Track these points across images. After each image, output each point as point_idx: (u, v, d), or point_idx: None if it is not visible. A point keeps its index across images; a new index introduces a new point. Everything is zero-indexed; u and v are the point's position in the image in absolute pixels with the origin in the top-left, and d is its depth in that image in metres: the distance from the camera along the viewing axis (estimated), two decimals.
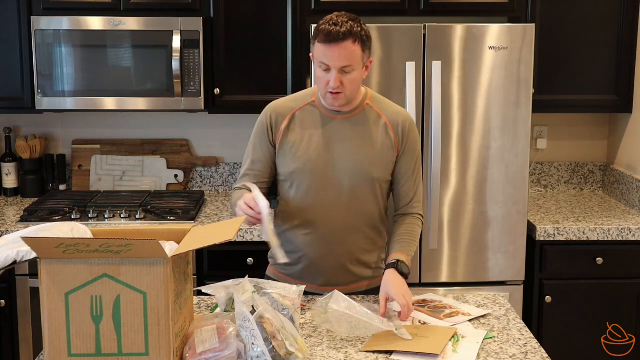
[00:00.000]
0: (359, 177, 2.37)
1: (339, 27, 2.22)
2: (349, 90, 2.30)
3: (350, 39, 2.23)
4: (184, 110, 3.46)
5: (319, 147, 2.37)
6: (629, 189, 3.59)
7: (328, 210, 2.38)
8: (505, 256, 3.23)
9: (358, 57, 2.26)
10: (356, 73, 2.28)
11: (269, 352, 1.79)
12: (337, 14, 2.30)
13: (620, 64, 3.50)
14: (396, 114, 2.42)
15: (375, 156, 2.38)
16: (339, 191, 2.38)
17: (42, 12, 3.37)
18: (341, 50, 2.23)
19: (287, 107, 2.43)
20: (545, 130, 3.85)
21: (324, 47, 2.24)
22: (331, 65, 2.25)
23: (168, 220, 3.28)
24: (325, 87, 2.29)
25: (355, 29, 2.24)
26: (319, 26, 2.28)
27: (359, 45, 2.25)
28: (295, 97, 2.48)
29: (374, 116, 2.40)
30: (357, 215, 2.41)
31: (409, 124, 2.42)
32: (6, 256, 1.82)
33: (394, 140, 2.39)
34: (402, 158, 2.41)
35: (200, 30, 3.34)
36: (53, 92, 3.39)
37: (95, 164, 3.80)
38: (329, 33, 2.23)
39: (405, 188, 2.44)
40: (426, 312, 2.28)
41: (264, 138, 2.42)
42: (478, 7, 3.39)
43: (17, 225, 3.22)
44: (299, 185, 2.40)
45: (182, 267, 1.89)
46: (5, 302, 3.20)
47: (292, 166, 2.39)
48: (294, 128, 2.39)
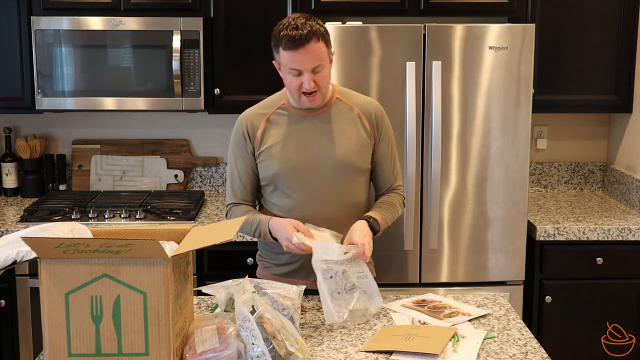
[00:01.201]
0: (342, 169, 2.41)
1: (301, 30, 2.25)
2: (323, 87, 2.35)
3: (314, 38, 2.27)
4: (184, 110, 3.46)
5: (297, 147, 2.40)
6: (629, 189, 3.59)
7: (316, 207, 2.41)
8: (505, 256, 3.23)
9: (324, 54, 2.31)
10: (326, 70, 2.33)
11: (269, 352, 1.79)
12: (292, 16, 2.33)
13: (620, 64, 3.50)
14: (367, 103, 2.49)
15: (354, 146, 2.42)
16: (324, 187, 2.41)
17: (42, 12, 3.37)
18: (309, 53, 2.26)
19: (259, 114, 2.46)
20: (545, 130, 3.85)
21: (290, 53, 2.27)
22: (302, 69, 2.28)
23: (168, 220, 3.29)
24: (298, 90, 2.33)
25: (314, 27, 2.28)
26: (279, 33, 2.29)
27: (322, 42, 2.30)
28: (265, 103, 2.51)
29: (346, 109, 2.45)
30: (345, 207, 2.43)
31: (380, 112, 2.49)
32: (6, 256, 1.82)
33: (369, 129, 2.45)
34: (379, 145, 2.48)
35: (200, 30, 3.35)
36: (53, 92, 3.39)
37: (95, 164, 3.80)
38: (292, 39, 2.25)
39: (386, 173, 2.52)
40: (426, 312, 2.27)
41: (243, 148, 2.46)
42: (478, 7, 3.39)
43: (17, 225, 3.22)
44: (283, 187, 2.42)
45: (182, 267, 1.89)
46: (5, 302, 3.20)
47: (273, 169, 2.41)
48: (270, 133, 2.43)
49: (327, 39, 2.33)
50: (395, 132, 3.09)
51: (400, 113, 3.11)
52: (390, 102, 3.11)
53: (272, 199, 2.46)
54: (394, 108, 3.10)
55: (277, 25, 2.33)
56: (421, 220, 3.18)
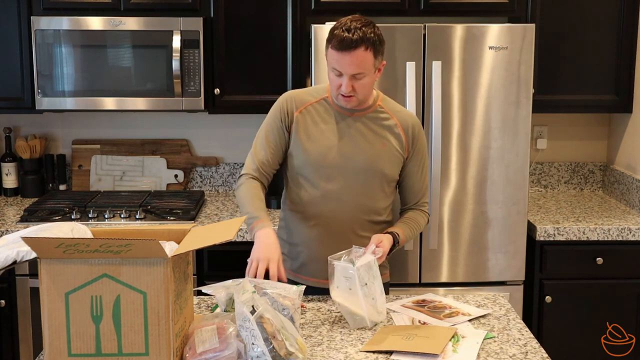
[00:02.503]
0: (370, 172, 2.43)
1: (352, 35, 2.25)
2: (361, 94, 2.35)
3: (362, 46, 2.26)
4: (184, 110, 3.46)
5: (330, 142, 2.42)
6: (629, 189, 3.59)
7: (335, 204, 2.43)
8: (505, 256, 3.23)
9: (369, 63, 2.30)
10: (367, 78, 2.33)
11: (269, 352, 1.79)
12: (351, 18, 2.32)
13: (620, 64, 3.50)
14: (407, 116, 2.50)
15: (386, 153, 2.44)
16: (348, 186, 2.42)
17: (42, 12, 3.37)
18: (353, 59, 2.26)
19: (303, 98, 2.48)
20: (545, 130, 3.85)
21: (336, 53, 2.28)
22: (343, 72, 2.30)
23: (168, 220, 3.28)
24: (337, 89, 2.35)
25: (367, 35, 2.27)
26: (333, 30, 2.30)
27: (371, 52, 2.28)
28: (310, 90, 2.53)
29: (385, 116, 2.46)
30: (364, 211, 2.45)
31: (418, 128, 2.49)
32: (6, 256, 1.82)
33: (404, 141, 2.45)
34: (411, 160, 2.48)
35: (200, 30, 3.35)
36: (53, 92, 3.39)
37: (95, 164, 3.80)
38: (341, 40, 2.26)
39: (415, 188, 2.53)
40: (426, 312, 2.27)
41: (279, 121, 2.46)
42: (478, 7, 3.39)
43: (17, 225, 3.22)
44: (308, 178, 2.44)
45: (182, 267, 1.89)
46: (5, 302, 3.20)
47: (302, 158, 2.43)
48: (307, 120, 2.44)
49: (378, 49, 2.31)
50: None
51: None
52: None
53: (297, 189, 2.47)
54: None
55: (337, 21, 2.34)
56: None
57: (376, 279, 2.18)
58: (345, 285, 2.15)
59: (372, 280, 2.17)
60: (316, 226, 2.45)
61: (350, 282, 2.14)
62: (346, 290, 2.15)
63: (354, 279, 2.13)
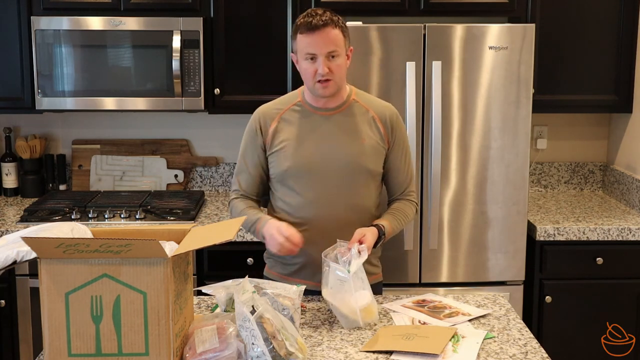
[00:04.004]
0: (354, 170, 2.41)
1: (319, 17, 2.31)
2: (337, 75, 2.36)
3: (331, 25, 2.31)
4: (184, 110, 3.46)
5: (310, 145, 2.41)
6: (629, 189, 3.59)
7: (323, 206, 2.41)
8: (505, 256, 3.23)
9: (341, 41, 2.34)
10: (341, 59, 2.35)
11: (269, 352, 1.79)
12: (311, 8, 2.39)
13: (620, 64, 3.50)
14: (383, 107, 2.51)
15: (367, 148, 2.43)
16: (334, 186, 2.41)
17: (42, 12, 3.37)
18: (324, 36, 2.30)
19: (275, 109, 2.48)
20: (545, 130, 3.85)
21: (307, 36, 2.31)
22: (317, 53, 2.31)
23: (168, 220, 3.28)
24: (313, 77, 2.35)
25: (333, 17, 2.34)
26: (298, 21, 2.35)
27: (340, 31, 2.34)
28: (281, 100, 2.53)
29: (362, 110, 2.46)
30: (354, 209, 2.44)
31: (395, 117, 2.50)
32: (6, 256, 1.82)
33: (383, 132, 2.46)
34: (392, 151, 2.49)
35: (200, 30, 3.35)
36: (53, 92, 3.39)
37: (95, 164, 3.80)
38: (309, 23, 2.30)
39: (399, 179, 2.53)
40: (426, 312, 2.27)
41: (254, 143, 2.48)
42: (478, 7, 3.39)
43: (17, 225, 3.22)
44: (293, 184, 2.43)
45: (182, 267, 1.89)
46: (5, 302, 3.20)
47: (284, 165, 2.42)
48: (283, 129, 2.44)
49: (345, 30, 2.37)
50: None
51: (400, 113, 3.09)
52: (390, 102, 3.10)
53: (281, 196, 2.46)
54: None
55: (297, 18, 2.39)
56: (421, 220, 3.18)
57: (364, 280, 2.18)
58: (338, 286, 2.15)
59: (363, 282, 2.17)
60: (306, 231, 2.40)
61: (343, 285, 2.14)
62: (339, 292, 2.15)
63: (349, 283, 2.13)
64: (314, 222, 2.41)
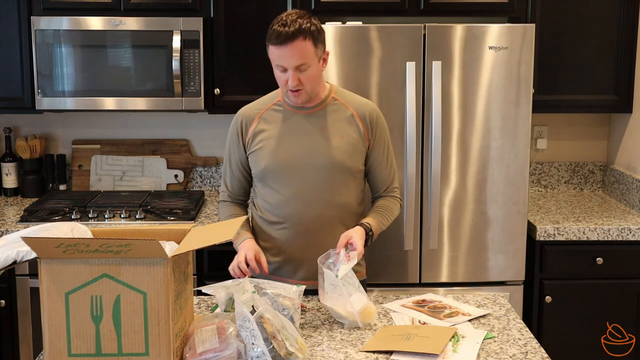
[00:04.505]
0: (332, 168, 2.41)
1: (288, 28, 2.26)
2: (309, 86, 2.35)
3: (300, 37, 2.27)
4: (184, 110, 3.46)
5: (288, 143, 2.42)
6: (629, 189, 3.59)
7: (302, 204, 2.42)
8: (505, 256, 3.23)
9: (311, 53, 2.30)
10: (312, 69, 2.33)
11: (269, 352, 1.79)
12: (287, 12, 2.34)
13: (620, 64, 3.50)
14: (363, 104, 2.49)
15: (346, 146, 2.42)
16: (312, 184, 2.42)
17: (42, 12, 3.37)
18: (292, 50, 2.27)
19: (255, 109, 2.50)
20: (545, 130, 3.85)
21: (276, 49, 2.29)
22: (286, 66, 2.30)
23: (168, 220, 3.28)
24: (285, 86, 2.36)
25: (304, 25, 2.28)
26: (270, 28, 2.32)
27: (310, 41, 2.29)
28: (262, 100, 2.54)
29: (341, 109, 2.46)
30: (333, 207, 2.44)
31: (376, 115, 2.49)
32: (6, 256, 1.82)
33: (363, 130, 2.45)
34: (373, 149, 2.48)
35: (200, 30, 3.35)
36: (53, 92, 3.39)
37: (95, 164, 3.80)
38: (278, 35, 2.27)
39: (382, 176, 2.52)
40: (426, 312, 2.27)
41: (236, 144, 2.51)
42: (478, 7, 3.39)
43: (17, 225, 3.22)
44: (272, 182, 2.44)
45: (182, 267, 1.89)
46: (5, 302, 3.20)
47: (262, 163, 2.43)
48: (263, 129, 2.45)
49: (318, 37, 2.32)
50: (395, 132, 3.11)
51: (400, 113, 3.11)
52: (390, 102, 3.11)
53: (262, 195, 2.48)
54: (394, 108, 3.11)
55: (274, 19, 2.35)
56: (421, 220, 3.18)
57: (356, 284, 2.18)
58: (332, 291, 2.16)
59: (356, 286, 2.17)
60: (286, 229, 2.43)
61: (336, 290, 2.15)
62: (334, 297, 2.16)
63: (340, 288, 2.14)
64: (293, 220, 2.43)
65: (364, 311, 2.17)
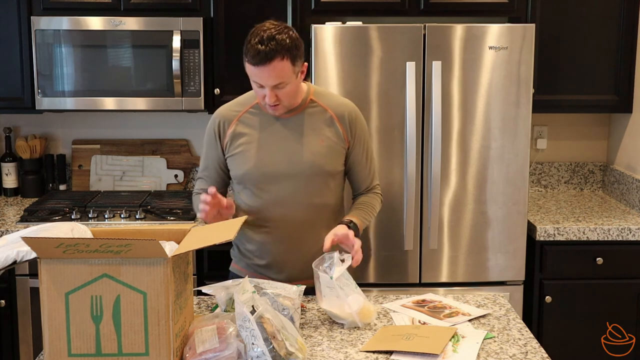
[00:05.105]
0: (312, 172, 2.40)
1: (265, 47, 2.20)
2: (286, 101, 2.33)
3: (277, 57, 2.22)
4: (184, 110, 3.46)
5: (268, 148, 2.40)
6: (629, 189, 3.59)
7: (283, 207, 2.41)
8: (505, 256, 3.23)
9: (288, 72, 2.26)
10: (290, 86, 2.29)
11: (269, 352, 1.79)
12: (264, 26, 2.26)
13: (620, 64, 3.50)
14: (341, 105, 2.46)
15: (325, 149, 2.41)
16: (292, 188, 2.40)
17: (42, 12, 3.37)
18: (270, 72, 2.23)
19: (233, 111, 2.46)
20: (545, 130, 3.85)
21: (253, 68, 2.25)
22: (264, 84, 2.27)
23: (168, 220, 3.29)
24: (262, 100, 2.33)
25: (281, 43, 2.22)
26: (248, 42, 2.25)
27: (288, 59, 2.24)
28: (239, 101, 2.50)
29: (320, 111, 2.44)
30: (314, 209, 2.43)
31: (354, 114, 2.46)
32: (6, 256, 1.82)
33: (342, 132, 2.43)
34: (353, 148, 2.46)
35: (200, 30, 3.35)
36: (53, 92, 3.39)
37: (95, 164, 3.80)
38: (256, 54, 2.22)
39: (362, 175, 2.51)
40: (426, 312, 2.27)
41: (214, 145, 2.48)
42: (478, 7, 3.39)
43: (17, 225, 3.22)
44: (252, 186, 2.43)
45: (182, 267, 1.89)
46: (5, 302, 3.20)
47: (243, 168, 2.41)
48: (241, 132, 2.43)
49: (295, 54, 2.26)
50: (395, 132, 3.11)
51: (400, 113, 3.11)
52: (390, 102, 3.11)
53: (242, 197, 2.47)
54: (394, 108, 3.11)
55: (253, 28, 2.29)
56: (421, 220, 3.19)
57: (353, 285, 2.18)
58: (329, 294, 2.16)
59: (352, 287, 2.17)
60: (268, 232, 2.42)
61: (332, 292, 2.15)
62: (331, 299, 2.16)
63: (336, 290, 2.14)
64: (275, 224, 2.42)
65: (362, 311, 2.17)
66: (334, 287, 2.14)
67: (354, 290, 2.18)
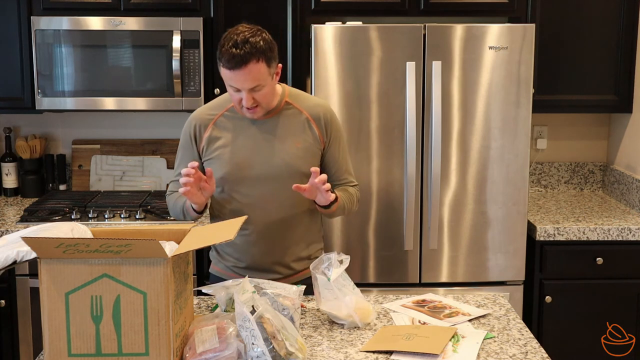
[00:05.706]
0: (288, 174, 2.39)
1: (239, 50, 2.20)
2: (264, 103, 2.33)
3: (252, 60, 2.22)
4: (184, 110, 3.46)
5: (244, 152, 2.40)
6: (629, 189, 3.59)
7: (261, 210, 2.41)
8: (505, 256, 3.23)
9: (264, 74, 2.27)
10: (267, 88, 2.30)
11: (269, 352, 1.79)
12: (238, 30, 2.26)
13: (620, 64, 3.50)
14: (316, 106, 2.46)
15: (301, 152, 2.41)
16: (269, 191, 2.41)
17: (42, 12, 3.37)
18: (246, 75, 2.23)
19: (208, 115, 2.46)
20: (545, 130, 3.85)
21: (228, 72, 2.25)
22: (240, 88, 2.27)
23: (168, 220, 3.29)
24: (239, 104, 2.33)
25: (256, 46, 2.22)
26: (222, 46, 2.25)
27: (263, 62, 2.25)
28: (215, 104, 2.50)
29: (295, 113, 2.44)
30: (292, 210, 2.44)
31: (329, 115, 2.47)
32: (6, 256, 1.82)
33: (318, 133, 2.44)
34: (329, 148, 2.47)
35: (200, 30, 3.35)
36: (53, 92, 3.39)
37: (95, 164, 3.80)
38: (231, 58, 2.22)
39: (338, 173, 2.51)
40: (426, 312, 2.27)
41: (189, 148, 2.47)
42: (478, 7, 3.39)
43: (17, 225, 3.22)
44: (230, 189, 2.43)
45: (182, 267, 1.89)
46: (5, 302, 3.20)
47: (220, 172, 2.41)
48: (217, 135, 2.43)
49: (270, 56, 2.27)
50: (395, 132, 3.11)
51: (400, 113, 3.11)
52: (390, 102, 3.11)
53: (219, 200, 2.47)
54: (394, 108, 3.11)
55: (225, 32, 2.29)
56: (421, 220, 3.19)
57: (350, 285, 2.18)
58: (327, 295, 2.16)
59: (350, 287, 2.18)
60: (247, 235, 2.43)
61: (330, 293, 2.15)
62: (329, 300, 2.16)
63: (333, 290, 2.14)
64: (253, 226, 2.41)
65: (361, 311, 2.17)
66: (332, 289, 2.15)
67: (351, 291, 2.18)
